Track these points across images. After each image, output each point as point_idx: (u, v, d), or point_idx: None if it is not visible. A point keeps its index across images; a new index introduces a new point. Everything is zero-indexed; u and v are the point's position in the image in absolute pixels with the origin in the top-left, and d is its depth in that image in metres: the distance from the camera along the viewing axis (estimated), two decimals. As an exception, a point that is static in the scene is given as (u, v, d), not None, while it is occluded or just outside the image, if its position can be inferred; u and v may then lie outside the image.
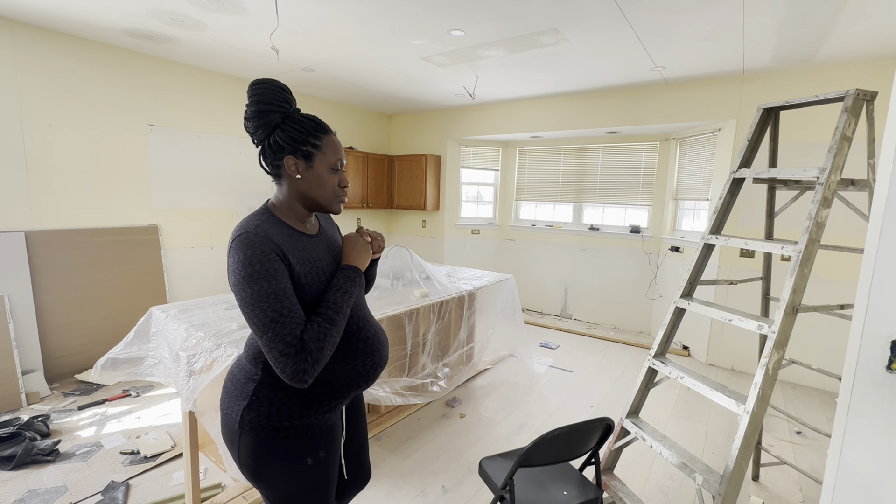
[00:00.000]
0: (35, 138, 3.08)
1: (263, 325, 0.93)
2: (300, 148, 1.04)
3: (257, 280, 0.94)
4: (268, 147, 1.05)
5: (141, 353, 2.32)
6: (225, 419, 1.09)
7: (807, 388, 3.53)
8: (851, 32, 2.65)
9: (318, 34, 2.99)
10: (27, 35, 3.00)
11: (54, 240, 3.17)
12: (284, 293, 0.96)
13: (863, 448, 0.99)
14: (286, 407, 1.04)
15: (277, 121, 1.04)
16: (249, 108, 1.04)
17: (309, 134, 1.05)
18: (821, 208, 1.49)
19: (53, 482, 2.11)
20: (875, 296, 0.95)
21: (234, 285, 0.95)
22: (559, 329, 4.88)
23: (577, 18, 2.61)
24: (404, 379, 2.70)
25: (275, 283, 0.95)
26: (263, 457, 1.04)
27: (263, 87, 1.03)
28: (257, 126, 1.04)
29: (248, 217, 1.04)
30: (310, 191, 1.08)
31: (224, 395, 1.11)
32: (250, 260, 0.94)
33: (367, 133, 5.74)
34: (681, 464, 1.58)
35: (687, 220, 4.42)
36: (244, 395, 1.05)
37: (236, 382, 1.08)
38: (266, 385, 1.04)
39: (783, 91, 3.47)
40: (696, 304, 1.78)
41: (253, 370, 1.06)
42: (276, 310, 0.94)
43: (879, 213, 0.95)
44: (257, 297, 0.93)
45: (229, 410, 1.07)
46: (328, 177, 1.08)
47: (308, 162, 1.06)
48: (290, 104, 1.06)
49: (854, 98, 1.53)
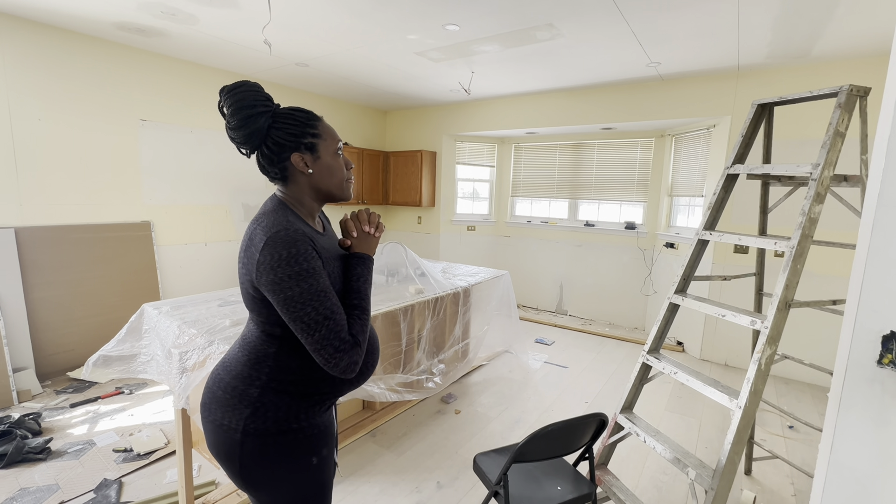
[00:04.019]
0: (24, 133, 3.04)
1: (316, 323, 0.92)
2: (302, 142, 1.02)
3: (306, 278, 0.93)
4: (267, 151, 1.01)
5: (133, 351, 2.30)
6: (220, 432, 1.01)
7: (799, 382, 3.56)
8: (845, 29, 2.66)
9: (311, 28, 2.96)
10: (15, 27, 2.94)
11: (45, 236, 3.13)
12: (330, 290, 0.97)
13: (853, 442, 0.99)
14: (293, 409, 1.01)
15: (269, 122, 1.01)
16: (234, 117, 0.98)
17: (305, 125, 1.03)
18: (814, 204, 1.49)
19: (45, 480, 2.09)
20: (867, 291, 0.96)
21: (274, 283, 0.92)
22: (554, 325, 4.89)
23: (572, 13, 2.60)
24: (399, 375, 2.69)
25: (322, 281, 0.95)
26: (271, 464, 1.00)
27: (241, 92, 0.99)
28: (249, 134, 0.99)
29: (271, 213, 0.99)
30: (323, 182, 1.06)
31: (215, 406, 1.03)
32: (296, 258, 0.92)
33: (362, 129, 5.71)
34: (674, 458, 1.59)
35: (682, 216, 4.43)
36: (246, 402, 1.00)
37: (232, 391, 1.01)
38: (271, 390, 1.00)
39: (778, 87, 3.48)
40: (690, 300, 1.79)
41: (254, 375, 1.01)
42: (328, 307, 0.94)
43: (872, 209, 0.95)
44: (308, 296, 0.92)
45: (227, 422, 1.00)
46: (336, 162, 1.08)
47: (314, 153, 1.04)
48: (272, 101, 1.03)
49: (847, 94, 1.53)
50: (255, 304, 1.00)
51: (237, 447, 1.00)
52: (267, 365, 1.01)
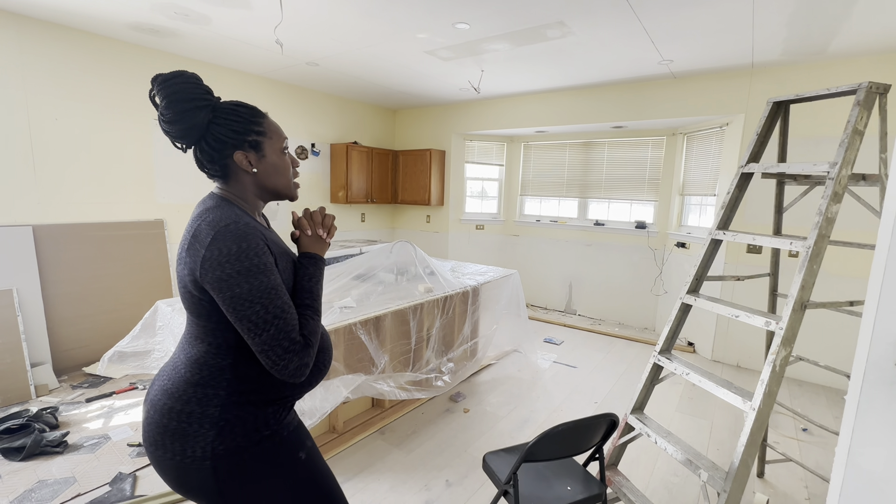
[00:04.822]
0: (42, 133, 3.10)
1: (265, 323, 0.86)
2: (246, 139, 0.95)
3: (256, 275, 0.86)
4: (207, 147, 0.94)
5: (147, 347, 2.34)
6: (183, 467, 0.90)
7: (813, 384, 3.50)
8: (864, 25, 2.61)
9: (322, 28, 2.98)
10: (33, 30, 3.00)
11: (61, 234, 3.19)
12: (282, 287, 0.91)
13: (872, 446, 0.98)
14: (261, 417, 0.95)
15: (209, 117, 0.93)
16: (169, 110, 0.89)
17: (250, 122, 0.96)
18: (831, 203, 1.46)
19: (62, 473, 2.13)
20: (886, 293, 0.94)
21: (220, 280, 0.85)
22: (563, 325, 4.87)
23: (583, 11, 2.58)
24: (408, 374, 2.70)
25: (273, 278, 0.89)
26: (256, 478, 0.93)
27: (178, 84, 0.90)
28: (186, 129, 0.91)
29: (215, 209, 0.91)
30: (268, 181, 1.00)
31: (169, 440, 0.90)
32: (246, 253, 0.86)
33: (372, 128, 5.73)
34: (686, 460, 1.57)
35: (693, 215, 4.38)
36: (207, 425, 0.90)
37: (188, 418, 0.90)
38: (233, 404, 0.92)
39: (793, 85, 3.42)
40: (703, 301, 1.77)
41: (210, 394, 0.91)
42: (278, 305, 0.88)
43: (892, 209, 0.93)
44: (257, 293, 0.86)
45: (190, 453, 0.89)
46: (282, 161, 1.02)
47: (258, 152, 0.97)
48: (213, 94, 0.95)
49: (867, 91, 1.50)
50: (202, 307, 0.91)
51: (210, 476, 0.90)
52: (224, 379, 0.92)
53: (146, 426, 0.94)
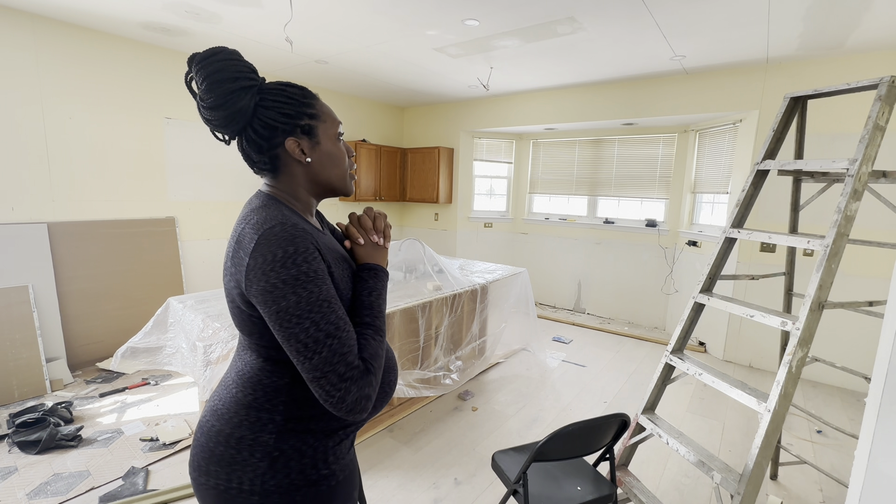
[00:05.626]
0: (56, 131, 3.14)
1: (315, 343, 0.71)
2: (298, 124, 0.82)
3: (304, 284, 0.72)
4: (254, 135, 0.81)
5: (159, 343, 2.37)
6: (227, 498, 0.78)
7: (827, 386, 3.44)
8: (885, 17, 2.54)
9: (331, 25, 2.98)
10: (47, 29, 3.04)
11: (75, 231, 3.24)
12: (336, 300, 0.76)
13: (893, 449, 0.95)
14: (320, 451, 0.81)
15: (255, 100, 0.80)
16: (210, 93, 0.77)
17: (301, 104, 0.83)
18: (850, 201, 1.43)
19: (77, 467, 2.17)
20: (910, 292, 0.91)
21: (265, 292, 0.72)
22: (572, 323, 4.84)
23: (594, 6, 2.55)
24: (417, 371, 2.70)
25: (325, 288, 0.74)
26: None
27: (219, 61, 0.77)
28: (231, 114, 0.78)
29: (261, 209, 0.79)
30: (324, 172, 0.87)
31: (215, 466, 0.79)
32: (293, 258, 0.72)
33: (380, 125, 5.73)
34: (698, 461, 1.55)
35: (705, 213, 4.32)
36: (259, 454, 0.78)
37: (237, 444, 0.78)
38: (290, 432, 0.79)
39: (809, 80, 3.35)
40: (716, 300, 1.74)
41: (265, 418, 0.79)
42: (332, 322, 0.73)
43: (917, 206, 0.91)
44: (306, 306, 0.72)
45: (236, 484, 0.78)
46: (337, 150, 0.88)
47: (312, 138, 0.84)
48: (257, 73, 0.83)
49: (889, 86, 1.46)
50: (252, 324, 0.79)
51: None
52: (280, 402, 0.80)
53: (192, 450, 0.84)
